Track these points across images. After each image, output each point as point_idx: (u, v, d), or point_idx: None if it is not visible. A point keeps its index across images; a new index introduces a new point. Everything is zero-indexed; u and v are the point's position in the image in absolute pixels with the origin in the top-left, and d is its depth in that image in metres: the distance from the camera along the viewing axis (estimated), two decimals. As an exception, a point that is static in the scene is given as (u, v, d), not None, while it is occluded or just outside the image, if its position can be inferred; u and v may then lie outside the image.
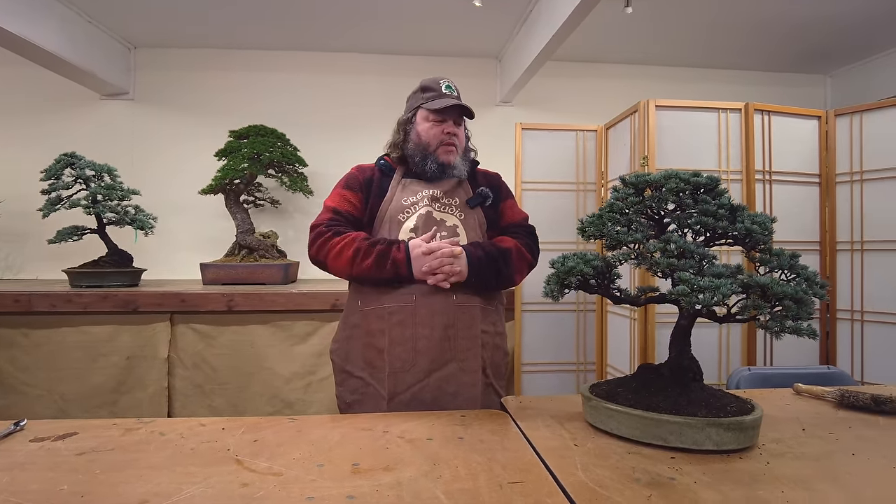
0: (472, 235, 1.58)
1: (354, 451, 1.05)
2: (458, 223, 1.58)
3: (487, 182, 1.70)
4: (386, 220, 1.56)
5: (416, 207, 1.57)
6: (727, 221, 1.07)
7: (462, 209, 1.61)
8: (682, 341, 1.19)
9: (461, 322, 1.49)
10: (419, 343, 1.46)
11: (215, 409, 2.68)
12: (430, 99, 1.61)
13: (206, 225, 3.62)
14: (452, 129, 1.61)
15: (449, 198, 1.61)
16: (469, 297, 1.51)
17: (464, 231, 1.58)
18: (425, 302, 1.47)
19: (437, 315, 1.47)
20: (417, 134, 1.62)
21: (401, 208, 1.57)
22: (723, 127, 2.46)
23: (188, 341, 2.71)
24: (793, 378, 1.72)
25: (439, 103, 1.59)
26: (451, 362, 1.48)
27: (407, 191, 1.60)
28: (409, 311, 1.47)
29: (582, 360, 2.94)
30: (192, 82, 3.71)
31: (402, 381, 1.47)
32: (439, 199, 1.59)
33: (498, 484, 0.90)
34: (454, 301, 1.48)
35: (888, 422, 1.27)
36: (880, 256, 2.46)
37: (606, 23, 3.33)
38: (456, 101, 1.59)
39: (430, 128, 1.60)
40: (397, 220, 1.56)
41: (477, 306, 1.52)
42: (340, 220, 1.55)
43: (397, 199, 1.59)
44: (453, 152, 1.61)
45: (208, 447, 1.06)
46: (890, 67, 3.76)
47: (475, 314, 1.52)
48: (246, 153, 3.15)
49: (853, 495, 0.87)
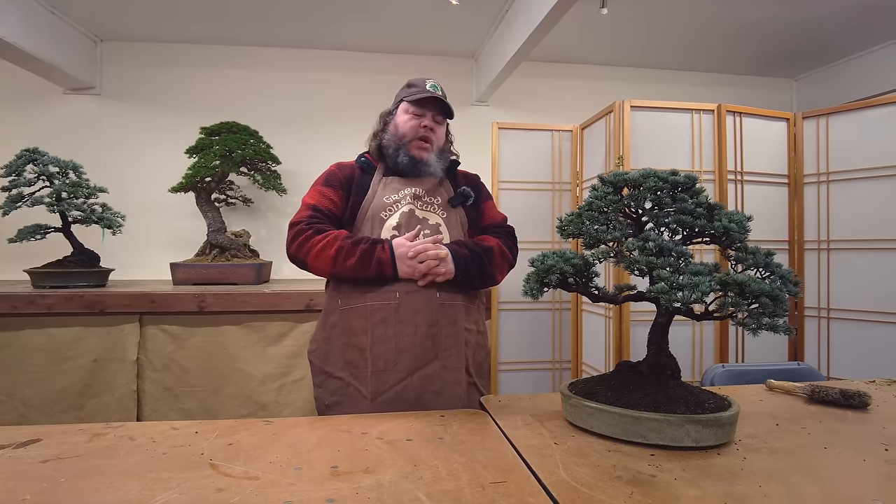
0: (454, 234, 1.58)
1: (333, 453, 1.03)
2: (441, 221, 1.59)
3: (468, 182, 1.71)
4: (368, 218, 1.55)
5: (398, 205, 1.56)
6: (705, 220, 1.08)
7: (444, 208, 1.61)
8: (661, 339, 1.20)
9: (445, 320, 1.48)
10: (402, 341, 1.45)
11: (187, 413, 2.61)
12: (412, 94, 1.62)
13: (177, 224, 3.53)
14: (430, 123, 1.61)
15: (431, 196, 1.61)
16: (452, 294, 1.51)
17: (446, 229, 1.58)
18: (408, 300, 1.46)
19: (421, 313, 1.46)
20: (395, 125, 1.63)
21: (383, 206, 1.56)
22: (696, 128, 2.50)
23: (158, 343, 2.64)
24: (765, 374, 1.76)
25: (419, 95, 1.60)
26: (435, 360, 1.47)
27: (388, 188, 1.59)
28: (393, 309, 1.46)
29: (558, 358, 2.96)
30: (162, 78, 3.62)
31: (384, 381, 1.45)
32: (421, 198, 1.59)
33: (480, 484, 0.89)
34: (437, 299, 1.48)
35: (856, 415, 1.30)
36: (845, 255, 2.53)
37: (582, 24, 3.36)
38: (435, 94, 1.60)
39: (408, 120, 1.61)
40: (379, 217, 1.54)
41: (460, 304, 1.52)
42: (320, 217, 1.54)
43: (379, 196, 1.58)
44: (428, 149, 1.61)
45: (181, 451, 1.03)
46: (853, 72, 3.88)
47: (459, 312, 1.52)
48: (218, 150, 3.08)
49: (827, 488, 0.88)
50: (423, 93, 1.60)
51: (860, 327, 2.47)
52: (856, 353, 2.47)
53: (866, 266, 2.46)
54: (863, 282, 2.47)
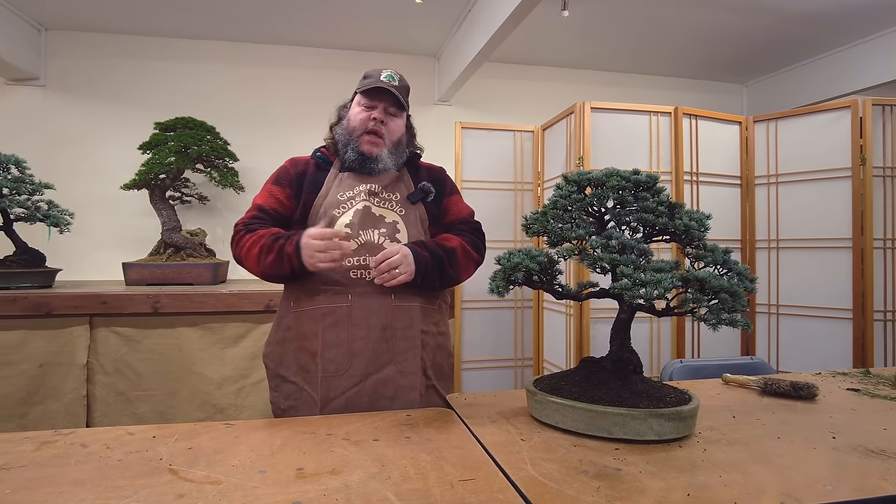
0: (413, 232, 1.50)
1: (297, 455, 1.01)
2: (399, 219, 1.51)
3: (430, 177, 1.63)
4: (320, 216, 1.47)
5: (352, 202, 1.49)
6: (667, 218, 1.11)
7: (403, 205, 1.53)
8: (623, 335, 1.22)
9: (400, 322, 1.43)
10: (355, 345, 1.40)
11: (140, 418, 2.52)
12: (365, 85, 1.53)
13: (129, 222, 3.40)
14: (380, 115, 1.50)
15: (389, 192, 1.53)
16: (409, 296, 1.45)
17: (404, 227, 1.50)
18: (361, 302, 1.41)
19: (374, 315, 1.41)
20: (347, 119, 1.55)
21: (336, 203, 1.48)
22: (654, 129, 2.56)
23: (109, 346, 2.54)
24: (720, 369, 1.82)
25: (370, 86, 1.51)
26: (389, 365, 1.42)
27: (343, 185, 1.51)
28: (345, 312, 1.40)
29: (520, 356, 2.99)
30: (114, 70, 3.48)
31: (335, 386, 1.40)
32: (378, 194, 1.51)
33: (449, 482, 0.89)
34: (392, 300, 1.42)
35: (805, 406, 1.36)
36: (794, 254, 2.65)
37: (543, 26, 3.40)
38: (384, 84, 1.50)
39: (359, 113, 1.51)
40: (332, 215, 1.47)
41: (416, 306, 1.46)
42: (264, 217, 1.48)
43: (333, 193, 1.50)
44: (379, 144, 1.50)
45: (138, 457, 0.99)
46: (799, 79, 4.06)
47: (414, 314, 1.46)
48: (173, 146, 2.98)
49: (783, 475, 0.92)
50: (375, 83, 1.51)
51: (806, 323, 2.58)
52: (802, 347, 2.59)
53: (812, 264, 2.58)
54: (809, 279, 2.58)
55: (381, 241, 1.45)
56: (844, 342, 2.45)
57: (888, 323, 2.45)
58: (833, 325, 2.50)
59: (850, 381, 1.62)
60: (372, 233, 1.46)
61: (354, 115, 1.52)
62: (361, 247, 1.44)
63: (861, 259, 2.43)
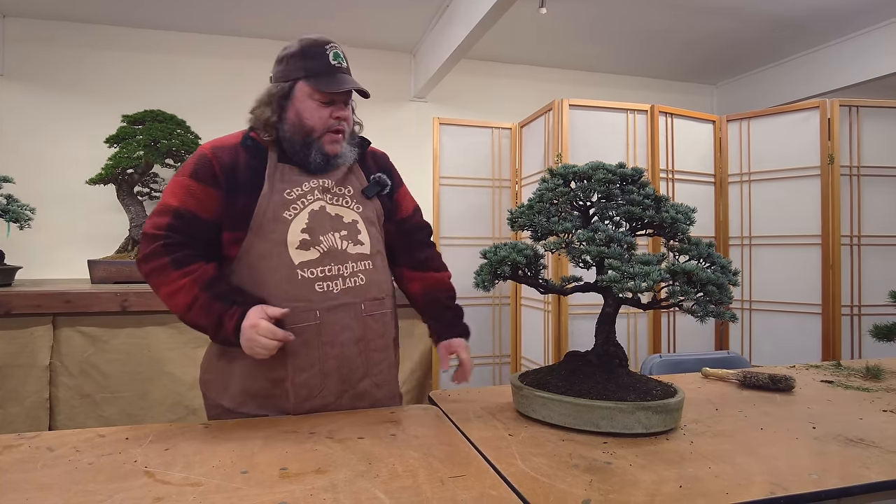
0: (372, 232, 1.35)
1: (280, 454, 0.98)
2: (358, 218, 1.33)
3: (377, 165, 1.44)
4: (267, 220, 1.23)
5: (304, 202, 1.27)
6: (653, 211, 1.11)
7: (358, 200, 1.35)
8: (608, 328, 1.22)
9: (373, 333, 1.31)
10: (327, 364, 1.25)
11: (107, 421, 2.43)
12: (315, 73, 1.26)
13: (95, 218, 3.27)
14: (342, 112, 1.29)
15: (341, 187, 1.33)
16: (378, 303, 1.32)
17: (364, 227, 1.34)
18: (331, 317, 1.24)
19: (346, 330, 1.26)
20: (298, 114, 1.27)
21: (284, 204, 1.25)
22: (630, 127, 2.58)
23: (74, 346, 2.44)
24: (698, 363, 1.84)
25: (332, 85, 1.26)
26: (365, 379, 1.30)
27: (287, 180, 1.28)
28: (314, 331, 1.23)
29: (497, 353, 2.98)
30: (79, 60, 3.34)
31: (307, 407, 1.26)
32: (331, 190, 1.31)
33: (439, 479, 0.87)
34: (363, 311, 1.29)
35: (784, 398, 1.38)
36: (765, 251, 2.71)
37: (520, 24, 3.40)
38: (353, 85, 1.28)
39: (315, 109, 1.27)
40: (282, 218, 1.24)
41: (386, 311, 1.35)
42: (182, 228, 1.21)
43: (277, 191, 1.26)
44: (340, 141, 1.31)
45: (110, 460, 0.94)
46: (769, 81, 4.17)
47: (387, 321, 1.35)
48: (142, 140, 2.89)
49: (770, 465, 0.93)
50: (332, 75, 1.27)
51: (777, 318, 2.64)
52: (773, 341, 2.65)
53: (782, 261, 2.64)
54: (779, 275, 2.64)
55: (344, 245, 1.29)
56: (813, 336, 2.52)
57: (854, 317, 2.52)
58: (802, 320, 2.56)
59: (823, 373, 1.66)
60: (333, 237, 1.28)
61: (310, 112, 1.27)
62: (325, 255, 1.26)
63: (829, 256, 2.49)
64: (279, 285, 1.22)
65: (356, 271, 1.29)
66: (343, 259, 1.28)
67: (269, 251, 1.23)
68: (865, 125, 2.55)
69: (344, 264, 1.28)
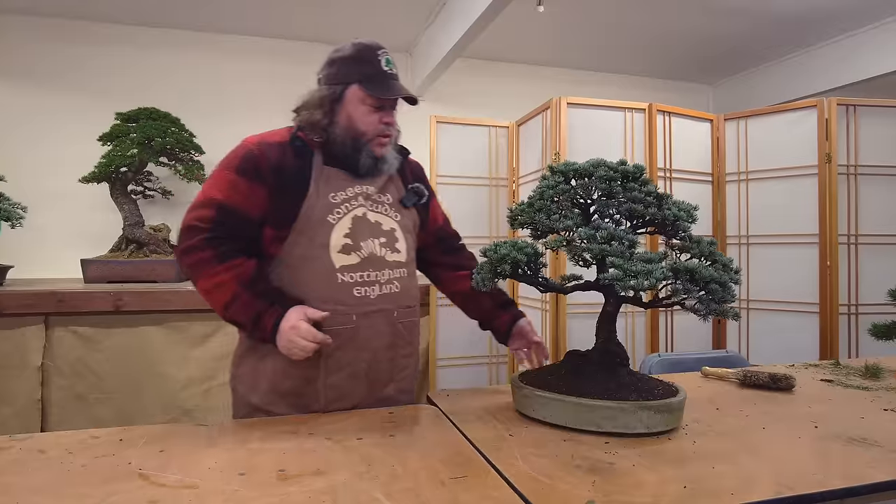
0: (408, 241, 1.37)
1: (278, 456, 0.96)
2: (396, 226, 1.35)
3: (414, 175, 1.47)
4: (312, 223, 1.25)
5: (348, 206, 1.28)
6: (655, 208, 1.10)
7: (396, 209, 1.37)
8: (609, 327, 1.21)
9: (402, 339, 1.34)
10: (358, 368, 1.27)
11: (100, 422, 2.40)
12: (369, 78, 1.27)
13: (88, 217, 3.24)
14: (390, 117, 1.32)
15: (381, 194, 1.35)
16: (409, 311, 1.36)
17: (402, 236, 1.36)
18: (367, 322, 1.27)
19: (379, 337, 1.29)
20: (349, 117, 1.28)
21: (329, 208, 1.26)
22: (628, 126, 2.58)
23: (67, 346, 2.41)
24: (696, 362, 1.83)
25: (385, 91, 1.28)
26: (390, 384, 1.33)
27: (332, 184, 1.29)
28: (350, 335, 1.25)
29: (494, 353, 2.97)
30: (71, 57, 3.31)
31: (336, 409, 1.28)
32: (371, 197, 1.33)
33: (440, 481, 0.85)
34: (395, 318, 1.32)
35: (784, 397, 1.38)
36: (763, 250, 2.71)
37: (518, 23, 3.39)
38: (405, 93, 1.31)
39: (367, 114, 1.28)
40: (327, 221, 1.25)
41: (415, 320, 1.38)
42: (226, 222, 1.21)
43: (323, 194, 1.27)
44: (387, 144, 1.33)
45: (104, 462, 0.92)
46: (765, 80, 4.17)
47: (414, 329, 1.38)
48: (136, 138, 2.86)
49: (774, 465, 0.92)
50: (385, 81, 1.29)
51: (774, 317, 2.64)
52: (771, 340, 2.65)
53: (780, 260, 2.64)
54: (776, 274, 2.64)
55: (383, 252, 1.30)
56: (811, 335, 2.52)
57: (851, 316, 2.52)
58: (800, 319, 2.56)
59: (823, 372, 1.65)
60: (373, 243, 1.29)
61: (361, 116, 1.28)
62: (365, 261, 1.27)
63: (827, 255, 2.49)
64: (319, 287, 1.24)
65: (392, 278, 1.31)
66: (381, 266, 1.30)
67: (312, 253, 1.25)
68: (863, 124, 2.55)
69: (381, 271, 1.29)
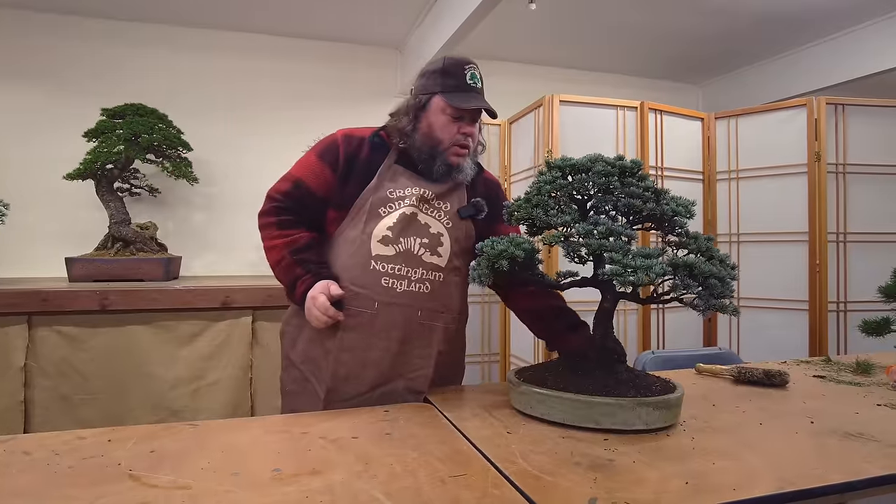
0: (455, 248, 1.39)
1: (273, 455, 0.94)
2: (444, 231, 1.38)
3: (486, 191, 1.50)
4: (365, 211, 1.35)
5: (401, 203, 1.35)
6: (654, 203, 1.09)
7: (451, 217, 1.40)
8: (606, 324, 1.20)
9: (419, 340, 1.36)
10: (371, 354, 1.32)
11: (86, 423, 2.35)
12: (451, 89, 1.36)
13: (73, 215, 3.18)
14: (469, 129, 1.38)
15: (440, 201, 1.40)
16: (434, 315, 1.37)
17: (448, 241, 1.38)
18: (387, 312, 1.32)
19: (396, 329, 1.33)
20: (430, 125, 1.37)
21: (384, 201, 1.35)
22: (620, 124, 2.58)
23: (51, 346, 2.36)
24: (689, 359, 1.83)
25: (464, 102, 1.35)
26: (399, 379, 1.35)
27: (396, 181, 1.38)
28: (368, 319, 1.31)
29: (487, 351, 2.96)
30: (56, 52, 3.24)
31: (342, 391, 1.33)
32: (429, 201, 1.38)
33: (440, 479, 0.84)
34: (418, 317, 1.35)
35: (779, 393, 1.38)
36: (753, 248, 2.72)
37: (509, 21, 3.38)
38: (483, 105, 1.37)
39: (447, 123, 1.36)
40: (377, 212, 1.34)
41: (440, 325, 1.38)
42: (298, 197, 1.37)
43: (384, 187, 1.36)
44: (465, 155, 1.39)
45: (93, 464, 0.89)
46: (753, 81, 4.19)
47: (435, 335, 1.38)
48: (122, 134, 2.80)
49: (773, 461, 0.91)
50: (467, 93, 1.36)
51: (765, 314, 2.66)
52: (761, 337, 2.66)
53: (770, 258, 2.66)
54: (767, 272, 2.66)
55: (421, 252, 1.35)
56: (801, 332, 2.54)
57: (840, 314, 2.55)
58: (790, 316, 2.58)
59: (814, 368, 1.66)
60: (412, 241, 1.34)
61: (441, 125, 1.36)
62: (399, 255, 1.33)
63: (816, 253, 2.51)
64: (352, 269, 1.33)
65: (424, 279, 1.35)
66: (415, 264, 1.34)
67: (356, 238, 1.34)
68: (851, 123, 2.57)
69: (415, 269, 1.34)
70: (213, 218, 3.38)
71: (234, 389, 2.57)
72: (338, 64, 3.63)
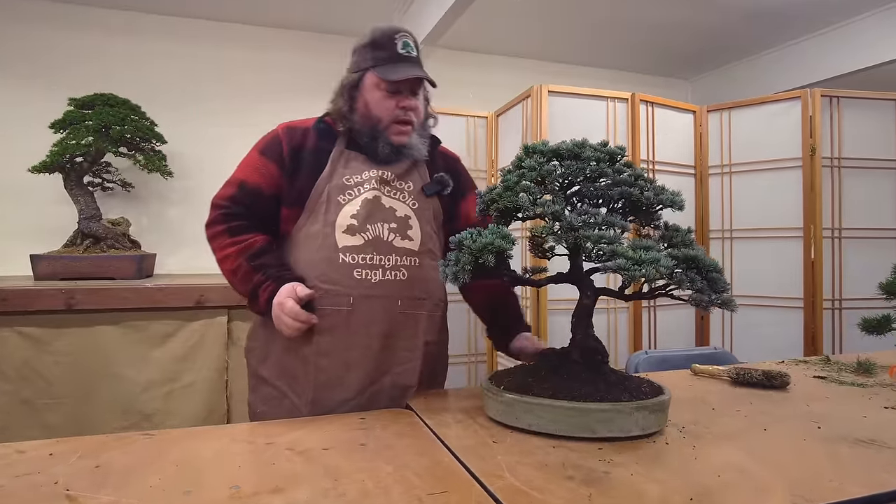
0: (426, 229, 1.33)
1: (232, 470, 0.84)
2: (411, 213, 1.32)
3: (446, 165, 1.44)
4: (322, 201, 1.27)
5: (360, 189, 1.29)
6: (651, 192, 1.01)
7: (416, 197, 1.34)
8: (587, 321, 1.11)
9: (404, 332, 1.28)
10: (352, 354, 1.24)
11: (50, 429, 2.23)
12: (381, 62, 1.28)
13: (39, 210, 3.03)
14: (409, 102, 1.30)
15: (401, 182, 1.33)
16: (416, 302, 1.30)
17: (417, 223, 1.32)
18: (364, 306, 1.24)
19: (376, 323, 1.25)
20: (366, 104, 1.30)
21: (342, 188, 1.28)
22: (611, 116, 2.50)
23: (12, 348, 2.23)
24: (684, 359, 1.76)
25: (396, 73, 1.27)
26: (386, 376, 1.27)
27: (350, 167, 1.30)
28: (344, 317, 1.23)
29: (473, 351, 2.88)
30: (17, 37, 3.09)
31: (326, 398, 1.24)
32: (389, 182, 1.31)
33: (416, 497, 0.75)
34: (398, 307, 1.27)
35: (780, 395, 1.31)
36: (746, 244, 2.66)
37: (496, 13, 3.30)
38: (416, 73, 1.28)
39: (382, 99, 1.29)
40: (336, 201, 1.27)
41: (423, 314, 1.31)
42: (245, 200, 1.28)
43: (338, 174, 1.29)
44: (408, 132, 1.32)
45: (26, 482, 0.79)
46: (744, 75, 4.15)
47: (420, 323, 1.31)
48: (91, 125, 2.67)
49: (783, 472, 0.83)
50: (398, 64, 1.27)
51: (758, 312, 2.60)
52: (754, 335, 2.60)
53: (764, 254, 2.60)
54: (760, 269, 2.60)
55: (391, 237, 1.28)
56: (795, 330, 2.48)
57: (836, 311, 2.49)
58: (784, 314, 2.52)
59: (814, 368, 1.60)
60: (381, 227, 1.28)
61: (377, 102, 1.29)
62: (368, 243, 1.26)
63: (811, 249, 2.45)
64: (319, 266, 1.25)
65: (399, 265, 1.28)
66: (387, 251, 1.27)
67: (318, 231, 1.26)
68: (846, 116, 2.52)
69: (387, 256, 1.27)
70: (189, 213, 3.25)
71: (208, 392, 2.46)
72: (317, 55, 3.52)
